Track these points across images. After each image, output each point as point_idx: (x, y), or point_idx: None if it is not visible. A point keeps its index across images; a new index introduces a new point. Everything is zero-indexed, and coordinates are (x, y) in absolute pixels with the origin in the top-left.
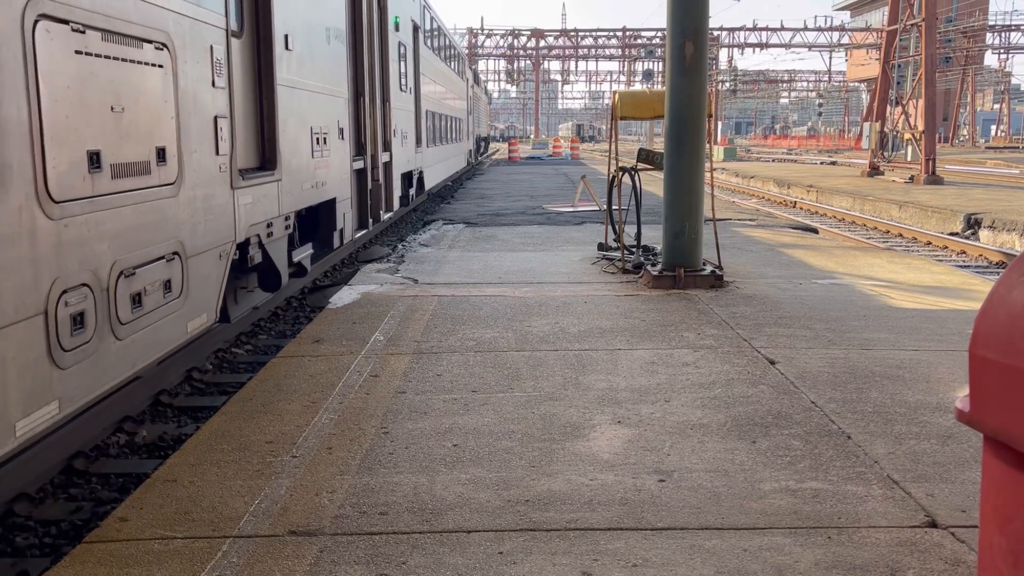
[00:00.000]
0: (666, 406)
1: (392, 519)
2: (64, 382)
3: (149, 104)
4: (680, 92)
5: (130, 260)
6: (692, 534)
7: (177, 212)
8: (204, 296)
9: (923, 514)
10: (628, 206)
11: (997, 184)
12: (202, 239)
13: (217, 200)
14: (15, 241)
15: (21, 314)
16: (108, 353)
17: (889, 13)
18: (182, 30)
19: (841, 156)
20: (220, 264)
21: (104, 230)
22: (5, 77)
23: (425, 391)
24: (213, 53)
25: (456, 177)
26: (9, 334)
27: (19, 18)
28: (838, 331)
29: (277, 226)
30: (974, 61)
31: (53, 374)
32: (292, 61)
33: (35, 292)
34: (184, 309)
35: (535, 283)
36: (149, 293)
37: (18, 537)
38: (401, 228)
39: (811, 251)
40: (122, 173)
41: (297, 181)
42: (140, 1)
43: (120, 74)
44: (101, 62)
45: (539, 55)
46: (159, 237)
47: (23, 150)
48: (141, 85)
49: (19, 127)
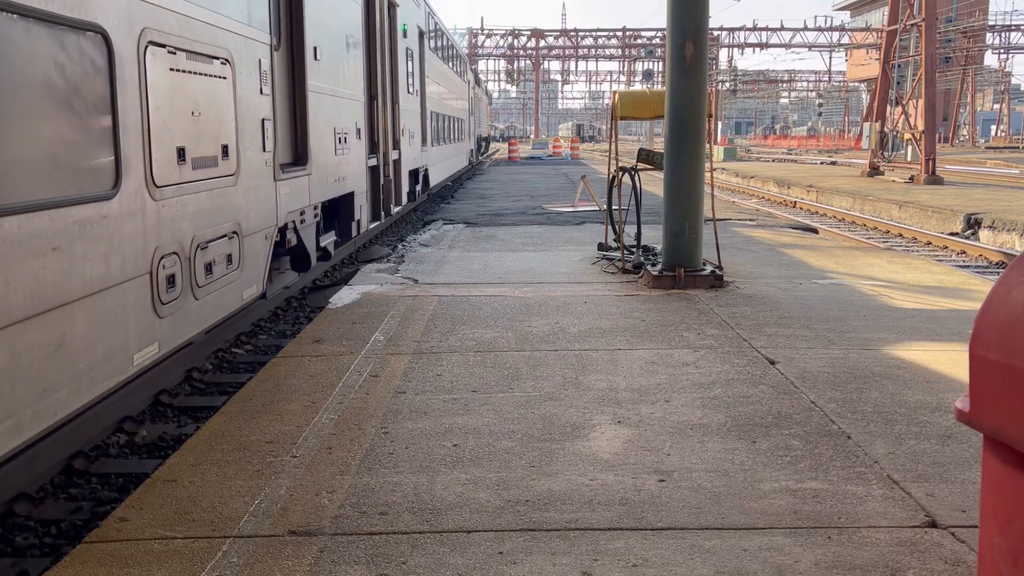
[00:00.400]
0: (666, 406)
1: (392, 519)
2: (161, 328)
3: (217, 109)
4: (680, 92)
5: (204, 235)
6: (692, 534)
7: (236, 198)
8: (255, 270)
9: (923, 514)
10: (628, 206)
11: (997, 184)
12: (253, 222)
13: (263, 190)
14: (133, 216)
15: (136, 272)
16: (190, 310)
17: (889, 13)
18: (239, 47)
19: (841, 156)
20: (266, 244)
21: (187, 210)
22: (128, 90)
23: (425, 391)
24: (261, 65)
25: (458, 175)
26: (128, 287)
27: (135, 44)
28: (838, 331)
29: (308, 214)
30: (974, 61)
31: (155, 321)
32: (319, 70)
33: (144, 256)
34: (240, 280)
35: (535, 283)
36: (216, 264)
37: (18, 537)
38: (401, 228)
39: (811, 251)
40: (199, 165)
41: (323, 176)
42: (212, 26)
43: (197, 85)
44: (185, 76)
45: (539, 55)
46: (223, 218)
47: (138, 147)
48: (211, 94)
49: (136, 129)
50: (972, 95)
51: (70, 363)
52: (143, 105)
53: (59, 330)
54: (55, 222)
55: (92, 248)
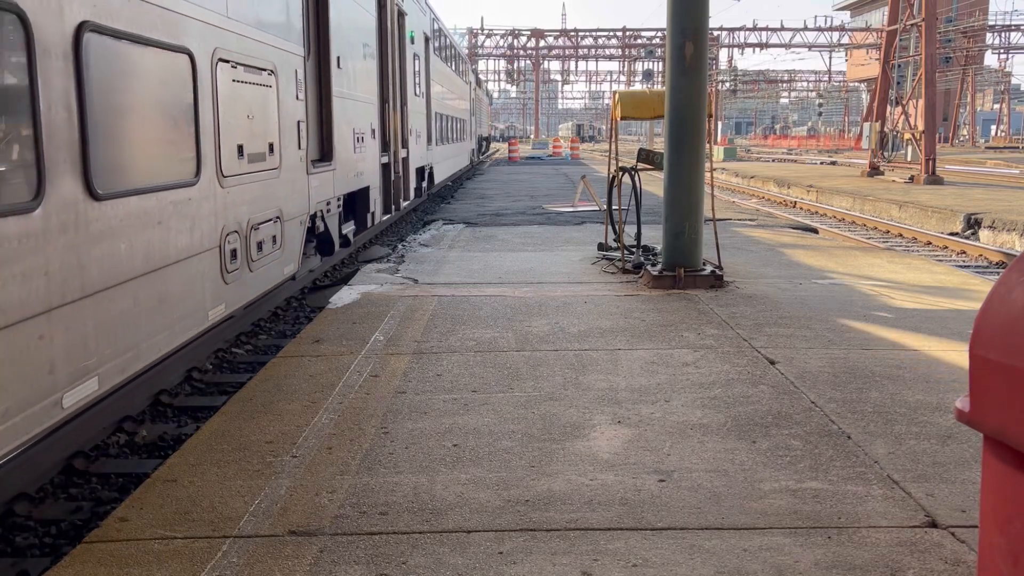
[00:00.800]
0: (666, 406)
1: (392, 519)
2: (227, 293)
3: (265, 112)
4: (680, 92)
5: (256, 218)
6: (692, 534)
7: (278, 189)
8: (292, 251)
9: (923, 514)
10: (628, 206)
11: (997, 184)
12: (292, 209)
13: (299, 182)
14: (208, 200)
15: (210, 245)
16: (246, 280)
17: (889, 13)
18: (281, 59)
19: (841, 156)
20: (300, 229)
21: (244, 197)
22: (205, 99)
23: (425, 391)
24: (296, 75)
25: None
26: (205, 257)
27: (210, 62)
28: (838, 331)
29: (332, 205)
30: (974, 61)
31: (222, 286)
32: (341, 77)
33: (215, 233)
34: (282, 258)
35: (535, 283)
36: (265, 243)
37: (18, 537)
38: (401, 228)
39: (811, 251)
40: (252, 160)
41: (345, 171)
42: (261, 43)
43: (251, 93)
44: (243, 85)
45: (539, 55)
46: (270, 205)
47: (211, 144)
48: (261, 99)
49: (210, 130)
50: (972, 95)
51: (169, 312)
52: (215, 110)
53: (162, 287)
54: (160, 202)
55: (182, 224)
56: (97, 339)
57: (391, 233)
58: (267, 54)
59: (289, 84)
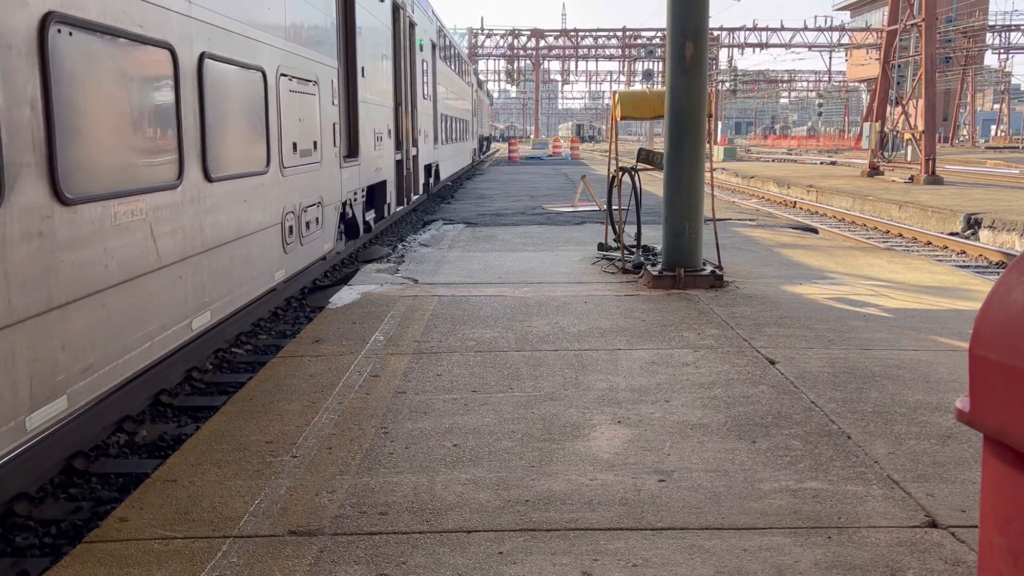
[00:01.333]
0: (666, 406)
1: (392, 519)
2: (285, 262)
3: (311, 116)
4: (680, 92)
5: (305, 202)
6: (692, 534)
7: (320, 179)
8: (330, 232)
9: (923, 514)
10: (628, 206)
11: (997, 184)
12: (329, 196)
13: (334, 175)
14: (275, 185)
15: (275, 221)
16: (298, 252)
17: (889, 13)
18: (322, 72)
19: (841, 156)
20: (335, 214)
21: (297, 184)
22: (272, 105)
23: (425, 391)
24: (332, 84)
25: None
26: (271, 231)
27: (275, 75)
28: (838, 331)
29: (358, 195)
30: (974, 61)
31: (283, 255)
32: (365, 84)
33: (279, 211)
34: (322, 237)
35: (535, 283)
36: (311, 223)
37: (18, 537)
38: (401, 228)
39: (811, 251)
40: (302, 155)
41: (367, 166)
42: (309, 59)
43: (301, 100)
44: (296, 95)
45: (539, 55)
46: (314, 192)
47: (276, 142)
48: (308, 105)
49: (276, 130)
50: (972, 95)
51: (249, 270)
52: (278, 114)
53: (247, 251)
54: (245, 185)
55: (258, 204)
56: (210, 283)
57: (391, 233)
58: (312, 68)
59: (327, 92)
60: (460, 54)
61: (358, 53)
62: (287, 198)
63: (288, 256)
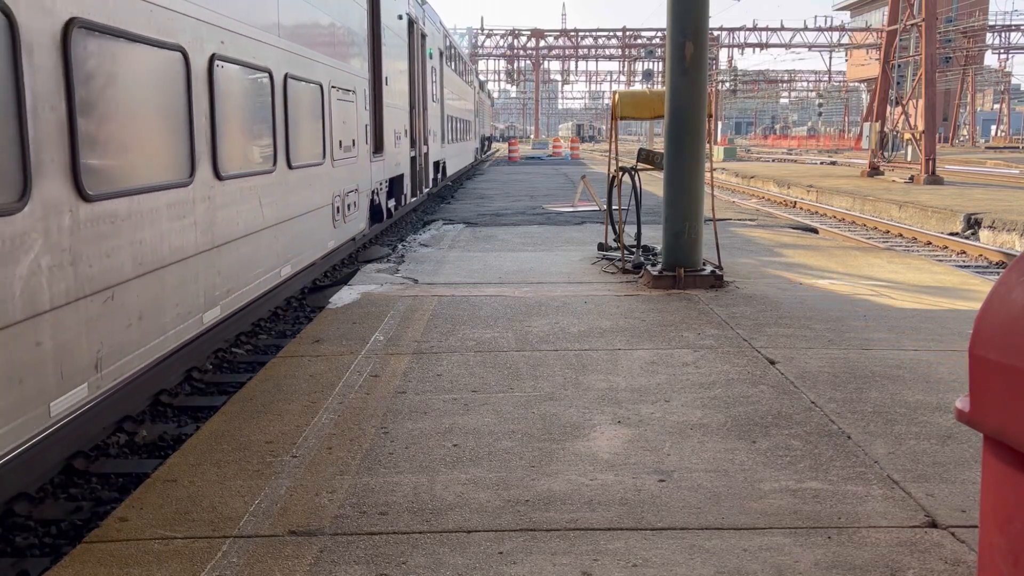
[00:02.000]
0: (666, 406)
1: (392, 519)
2: (335, 235)
3: (350, 119)
4: (680, 92)
5: (347, 188)
6: (692, 534)
7: (356, 170)
8: (363, 214)
9: (923, 514)
10: (628, 206)
11: (997, 184)
12: (363, 185)
13: (365, 167)
14: (328, 174)
15: (328, 202)
16: (342, 228)
17: (889, 13)
18: (358, 83)
19: (841, 156)
20: (367, 200)
21: (341, 174)
22: (326, 111)
23: (425, 391)
24: (364, 93)
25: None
26: (325, 209)
27: (328, 87)
28: (838, 331)
29: (383, 185)
30: (974, 61)
31: (333, 230)
32: (388, 91)
33: (330, 195)
34: (358, 217)
35: (535, 283)
36: (351, 206)
37: (18, 537)
38: (401, 228)
39: (811, 251)
40: (345, 150)
41: (390, 161)
42: (350, 73)
43: (344, 106)
44: (340, 102)
45: (539, 55)
46: (352, 181)
47: (330, 141)
48: (348, 110)
49: (328, 131)
50: (972, 95)
51: (312, 238)
52: (330, 118)
53: (309, 223)
54: (309, 172)
55: (316, 187)
56: (291, 244)
57: (391, 233)
58: (351, 81)
59: (361, 99)
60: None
61: (383, 65)
62: (336, 184)
63: (336, 230)
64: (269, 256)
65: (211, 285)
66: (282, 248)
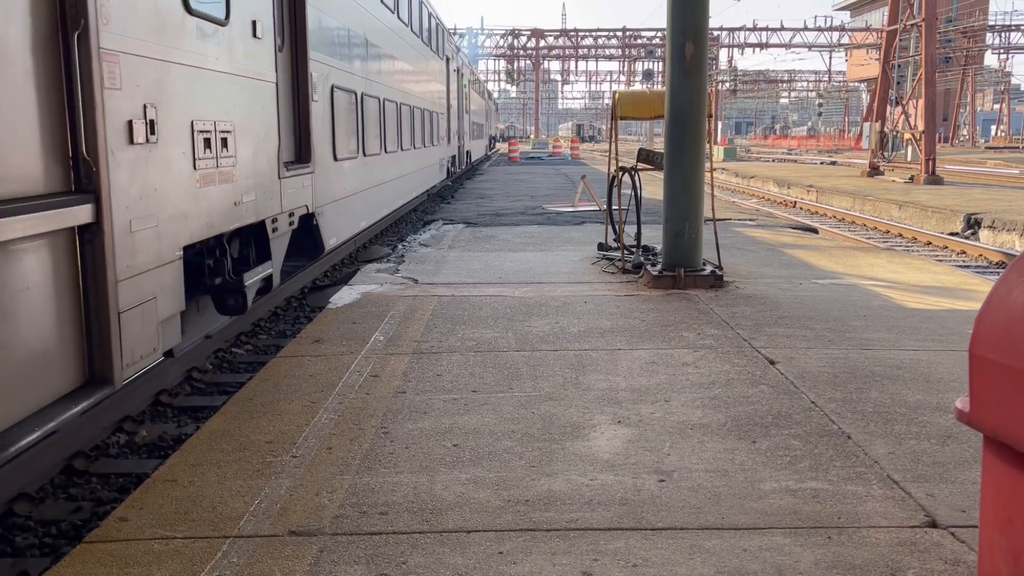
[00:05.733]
0: (666, 406)
1: (392, 519)
2: (438, 177)
3: (441, 125)
4: (680, 92)
5: (443, 157)
6: (692, 534)
7: (443, 150)
8: (442, 173)
9: (923, 514)
10: (628, 206)
11: (997, 184)
12: (444, 158)
13: (446, 149)
14: (436, 151)
15: (438, 163)
16: (439, 176)
17: (889, 13)
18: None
19: (841, 156)
20: (444, 165)
21: (440, 152)
22: (435, 122)
23: (425, 391)
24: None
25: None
26: (436, 166)
27: (436, 111)
28: (838, 331)
29: (446, 159)
30: (974, 61)
31: (441, 176)
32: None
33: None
34: (440, 174)
35: (535, 283)
36: (442, 167)
37: (18, 537)
38: (401, 228)
39: (811, 251)
40: (439, 140)
41: (450, 148)
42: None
43: (439, 120)
44: (440, 117)
45: (539, 55)
46: (446, 153)
47: (438, 134)
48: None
49: (437, 129)
50: (972, 95)
51: (430, 178)
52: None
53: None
54: (433, 149)
55: (435, 155)
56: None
57: (391, 233)
58: (437, 107)
59: (444, 117)
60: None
61: (450, 96)
62: (438, 155)
63: (441, 177)
64: (419, 185)
65: (398, 192)
66: (419, 182)
